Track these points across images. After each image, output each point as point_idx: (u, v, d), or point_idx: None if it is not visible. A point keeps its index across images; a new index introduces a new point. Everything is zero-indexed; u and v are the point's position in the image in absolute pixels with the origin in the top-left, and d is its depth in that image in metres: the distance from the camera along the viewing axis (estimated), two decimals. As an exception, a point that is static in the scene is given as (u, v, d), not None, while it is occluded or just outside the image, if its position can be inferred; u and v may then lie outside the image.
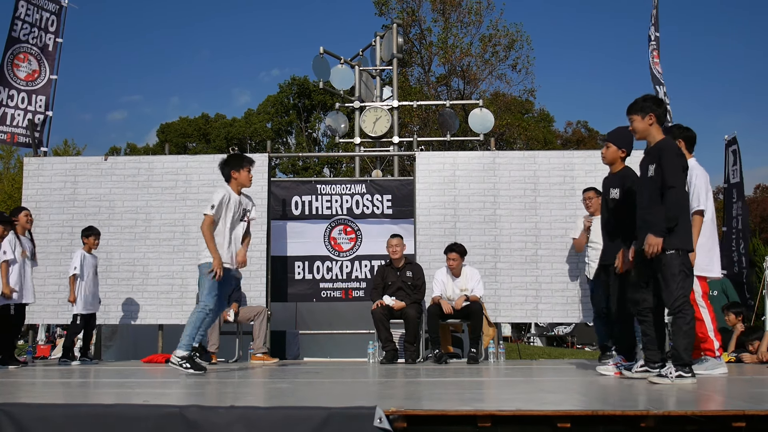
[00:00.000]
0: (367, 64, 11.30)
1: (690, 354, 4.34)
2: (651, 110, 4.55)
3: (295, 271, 8.48)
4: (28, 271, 7.05)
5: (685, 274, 4.36)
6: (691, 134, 5.36)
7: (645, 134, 4.59)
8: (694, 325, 4.36)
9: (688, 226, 4.48)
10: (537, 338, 29.98)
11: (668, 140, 4.54)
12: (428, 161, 8.50)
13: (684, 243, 4.39)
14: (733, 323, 7.21)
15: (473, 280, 7.33)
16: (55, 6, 8.97)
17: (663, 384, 4.21)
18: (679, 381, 4.20)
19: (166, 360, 7.50)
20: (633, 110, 4.62)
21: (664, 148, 4.46)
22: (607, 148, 5.30)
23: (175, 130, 37.90)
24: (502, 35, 23.25)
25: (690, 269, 4.44)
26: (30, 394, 4.27)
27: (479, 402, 3.61)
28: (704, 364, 5.09)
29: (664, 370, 4.33)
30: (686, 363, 4.28)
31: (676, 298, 4.32)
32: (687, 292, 4.36)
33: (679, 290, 4.31)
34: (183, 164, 8.53)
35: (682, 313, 4.31)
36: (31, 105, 8.74)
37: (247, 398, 3.73)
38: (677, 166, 4.36)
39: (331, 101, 24.85)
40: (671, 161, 4.36)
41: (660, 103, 4.67)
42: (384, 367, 6.64)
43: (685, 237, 4.42)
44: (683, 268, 4.35)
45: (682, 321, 4.30)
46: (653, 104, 4.59)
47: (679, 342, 4.31)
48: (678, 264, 4.34)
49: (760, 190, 43.53)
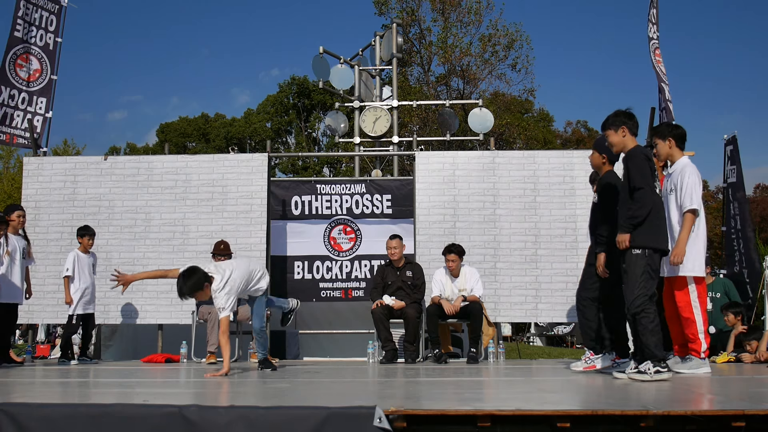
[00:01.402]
0: (367, 63, 11.30)
1: (661, 349, 4.45)
2: (623, 123, 4.83)
3: (295, 270, 8.48)
4: (16, 270, 6.93)
5: (648, 275, 4.50)
6: (680, 132, 5.38)
7: (621, 146, 4.86)
8: (658, 321, 4.48)
9: (656, 226, 4.59)
10: (537, 338, 29.99)
11: (636, 148, 4.76)
12: (428, 161, 8.50)
13: (650, 242, 4.53)
14: (733, 323, 7.21)
15: (472, 280, 7.32)
16: (54, 6, 8.96)
17: (643, 380, 4.35)
18: (658, 377, 4.34)
19: (166, 359, 7.53)
20: (606, 126, 4.91)
21: (630, 154, 4.73)
22: (592, 155, 5.60)
23: (175, 130, 37.85)
24: (501, 35, 23.28)
25: (655, 271, 4.57)
26: (29, 393, 4.26)
27: (479, 402, 3.61)
28: (688, 363, 5.14)
29: (642, 367, 4.45)
30: (660, 358, 4.40)
31: (636, 297, 4.45)
32: (648, 292, 4.47)
33: (640, 290, 4.45)
34: (183, 164, 8.53)
35: (644, 312, 4.44)
36: (32, 106, 8.73)
37: (246, 398, 3.73)
38: (641, 168, 4.58)
39: (331, 101, 24.83)
40: (636, 165, 4.62)
41: (631, 116, 4.89)
42: (383, 366, 6.64)
43: (652, 236, 4.55)
44: (647, 269, 4.49)
45: (646, 320, 4.44)
46: (624, 118, 4.85)
47: (649, 340, 4.43)
48: (642, 264, 4.49)
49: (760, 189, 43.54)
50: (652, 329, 4.41)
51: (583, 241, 7.21)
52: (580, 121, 40.83)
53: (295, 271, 8.47)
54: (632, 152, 4.73)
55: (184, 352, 7.47)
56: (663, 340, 4.59)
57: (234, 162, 8.50)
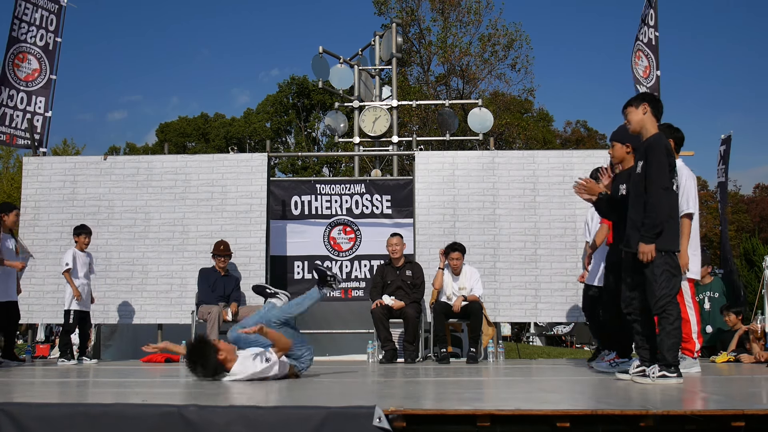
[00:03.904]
0: (367, 63, 11.29)
1: (675, 355, 4.30)
2: (645, 100, 4.52)
3: (295, 270, 8.48)
4: (10, 269, 6.99)
5: (670, 274, 4.32)
6: (680, 135, 5.32)
7: (640, 125, 4.51)
8: (679, 325, 4.31)
9: (674, 226, 4.42)
10: (536, 337, 29.99)
11: (659, 136, 4.44)
12: (427, 161, 8.50)
13: (669, 244, 4.35)
14: (734, 323, 7.20)
15: (473, 279, 7.33)
16: (54, 5, 8.95)
17: (644, 383, 4.23)
18: (661, 381, 4.18)
19: (165, 359, 7.52)
20: (628, 104, 4.59)
21: (652, 144, 4.39)
22: (613, 148, 5.21)
23: (175, 130, 37.84)
24: (501, 35, 23.28)
25: (676, 269, 4.40)
26: (29, 393, 4.26)
27: (478, 401, 3.61)
28: (682, 363, 5.12)
29: (648, 370, 4.33)
30: (670, 363, 4.25)
31: (659, 298, 4.28)
32: (672, 292, 4.31)
33: (662, 290, 4.28)
34: (182, 164, 8.52)
35: (666, 313, 4.28)
36: (31, 105, 8.72)
37: (246, 398, 3.73)
38: (663, 164, 4.30)
39: (331, 101, 24.82)
40: (658, 159, 4.30)
41: (655, 100, 4.61)
42: (383, 366, 6.64)
43: (670, 238, 4.37)
44: (667, 267, 4.32)
45: (666, 321, 4.28)
46: (649, 98, 4.58)
47: (664, 342, 4.29)
48: (662, 264, 4.31)
49: (760, 189, 43.53)
50: (669, 332, 4.26)
51: (583, 241, 7.18)
52: (579, 121, 40.90)
53: (295, 271, 8.47)
54: (654, 142, 4.38)
55: (183, 352, 7.46)
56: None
57: (233, 162, 8.50)
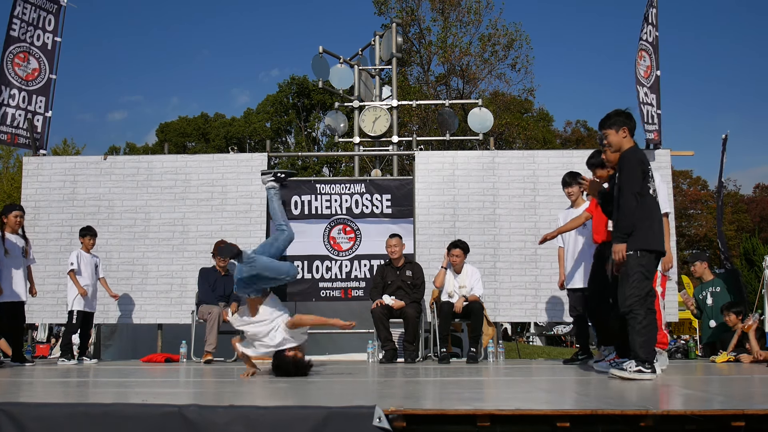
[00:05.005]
0: (367, 63, 11.29)
1: (648, 351, 4.45)
2: (624, 124, 4.80)
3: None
4: (17, 269, 6.94)
5: (642, 275, 4.49)
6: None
7: (619, 146, 4.80)
8: (648, 323, 4.46)
9: (650, 227, 4.57)
10: (536, 337, 29.99)
11: (630, 149, 4.74)
12: (427, 161, 8.50)
13: (643, 244, 4.52)
14: (734, 323, 7.20)
15: (473, 279, 7.32)
16: (53, 5, 8.94)
17: (621, 377, 4.40)
18: (637, 376, 4.36)
19: (165, 359, 7.52)
20: (606, 125, 4.84)
21: (624, 156, 4.71)
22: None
23: (175, 130, 37.82)
24: (501, 34, 23.26)
25: (650, 271, 4.56)
26: (29, 393, 4.26)
27: (478, 401, 3.60)
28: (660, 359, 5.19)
29: (625, 364, 4.48)
30: (644, 359, 4.41)
31: (627, 297, 4.47)
32: (641, 293, 4.46)
33: (632, 290, 4.46)
34: (182, 164, 8.53)
35: (633, 313, 4.45)
36: (31, 105, 8.70)
37: (246, 398, 3.73)
38: (634, 171, 4.57)
39: (331, 101, 24.81)
40: (629, 167, 4.61)
41: (630, 117, 4.87)
42: (383, 366, 6.64)
43: (645, 238, 4.54)
44: (640, 269, 4.49)
45: (634, 321, 4.45)
46: (625, 119, 4.83)
47: (635, 340, 4.44)
48: (635, 265, 4.49)
49: (760, 189, 43.54)
50: (638, 330, 4.43)
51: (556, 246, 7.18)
52: (579, 121, 40.88)
53: (294, 271, 8.45)
54: (626, 154, 4.72)
55: (183, 352, 7.47)
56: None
57: (233, 162, 8.50)
